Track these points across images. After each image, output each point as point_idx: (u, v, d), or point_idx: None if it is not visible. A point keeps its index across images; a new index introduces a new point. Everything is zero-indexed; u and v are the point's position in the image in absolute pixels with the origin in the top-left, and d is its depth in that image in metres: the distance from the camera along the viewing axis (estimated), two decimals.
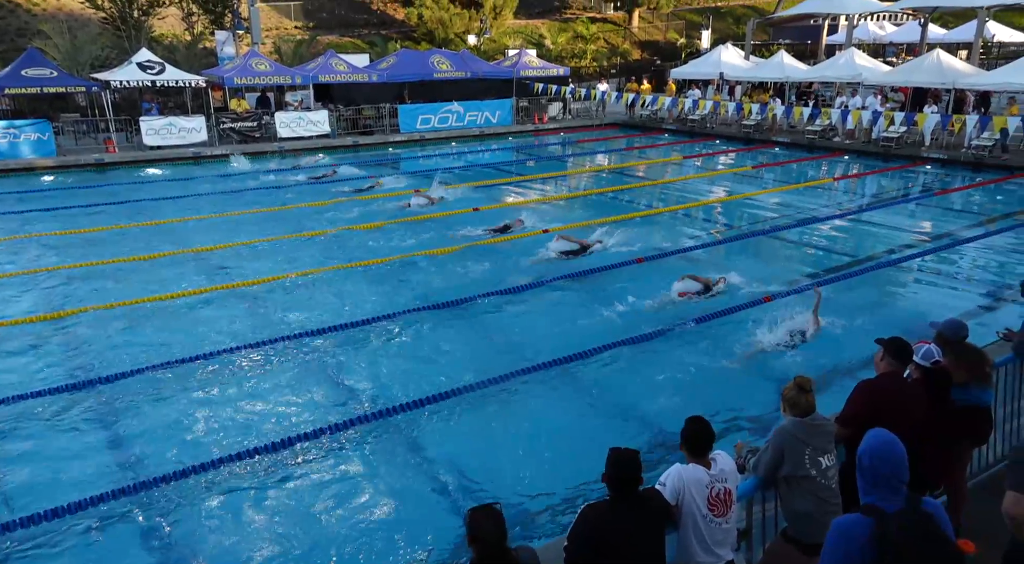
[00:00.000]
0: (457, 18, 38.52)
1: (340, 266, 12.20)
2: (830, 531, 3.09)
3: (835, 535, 3.06)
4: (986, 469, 5.65)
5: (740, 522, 4.12)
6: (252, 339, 9.24)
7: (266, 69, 25.14)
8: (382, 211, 16.17)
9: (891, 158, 22.09)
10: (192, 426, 7.35)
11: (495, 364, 8.50)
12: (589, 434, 7.01)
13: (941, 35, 36.83)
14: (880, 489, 3.01)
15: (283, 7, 41.59)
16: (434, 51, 30.65)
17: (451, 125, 28.08)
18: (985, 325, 8.29)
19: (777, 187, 19.53)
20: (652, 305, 10.29)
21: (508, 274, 11.72)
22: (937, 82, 22.95)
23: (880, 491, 3.01)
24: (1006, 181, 19.01)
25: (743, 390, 7.92)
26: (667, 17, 49.00)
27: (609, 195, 17.78)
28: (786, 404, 4.13)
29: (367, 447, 6.99)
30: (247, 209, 16.33)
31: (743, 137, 26.49)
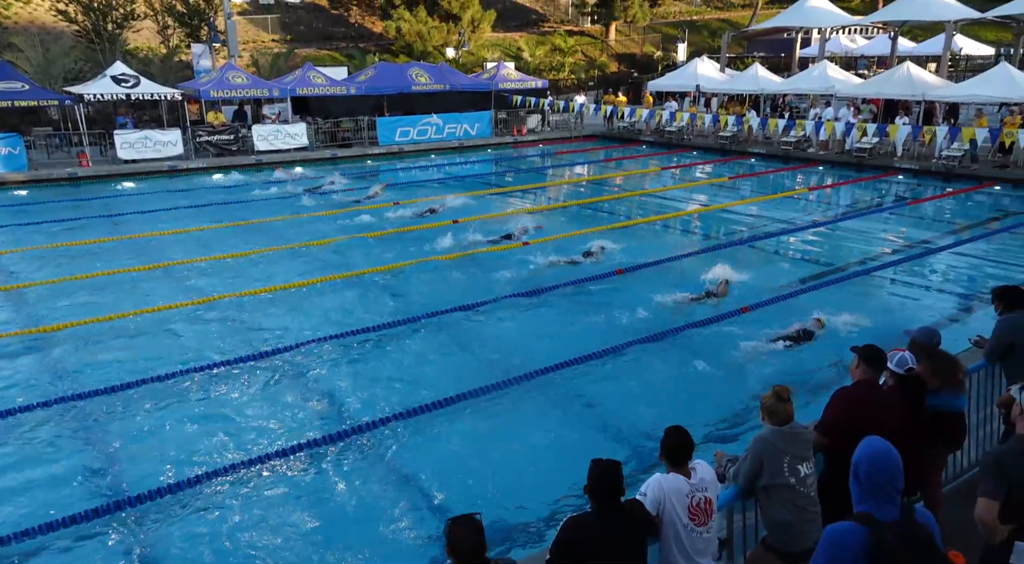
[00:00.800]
0: (435, 31, 38.67)
1: (319, 279, 12.12)
2: (823, 538, 3.09)
3: (828, 542, 3.06)
4: (961, 474, 5.73)
5: (721, 531, 4.13)
6: (231, 354, 9.14)
7: (243, 82, 25.02)
8: (361, 224, 16.11)
9: (864, 168, 22.46)
10: (169, 443, 7.24)
11: (476, 376, 8.48)
12: (571, 445, 7.00)
13: (911, 48, 37.62)
14: (876, 498, 3.02)
15: (260, 20, 41.50)
16: (412, 64, 30.71)
17: (430, 137, 28.11)
18: (958, 332, 8.44)
19: (754, 197, 19.76)
20: (632, 316, 10.34)
21: (487, 286, 11.72)
22: (907, 94, 23.42)
23: (876, 500, 3.02)
24: (975, 191, 19.41)
25: (722, 399, 7.97)
26: (644, 30, 49.60)
27: (588, 206, 17.88)
28: (765, 413, 4.16)
29: (347, 461, 6.92)
30: (224, 222, 16.19)
31: (720, 148, 26.80)
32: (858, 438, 4.27)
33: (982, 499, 3.57)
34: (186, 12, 33.99)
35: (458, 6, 38.90)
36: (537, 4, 52.58)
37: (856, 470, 3.10)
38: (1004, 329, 5.66)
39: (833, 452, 4.50)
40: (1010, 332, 5.60)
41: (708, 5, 57.20)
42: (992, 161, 21.28)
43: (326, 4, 45.12)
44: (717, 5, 57.57)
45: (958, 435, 5.05)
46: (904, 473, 3.08)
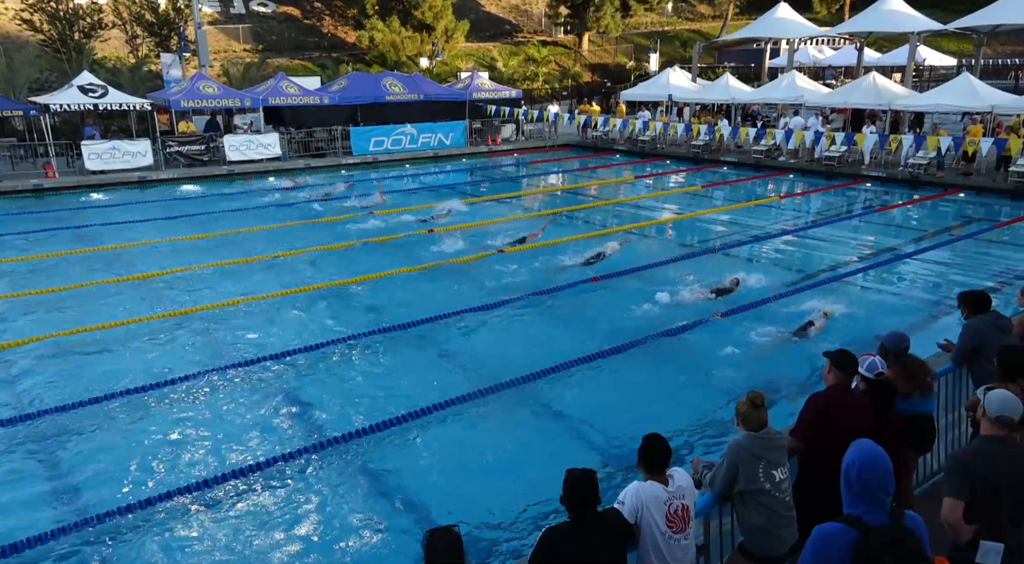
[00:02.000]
0: (409, 41, 38.67)
1: (293, 290, 12.01)
2: (811, 537, 3.12)
3: (816, 542, 3.09)
4: (931, 477, 5.82)
5: (698, 538, 4.14)
6: (203, 367, 9.00)
7: (214, 92, 24.78)
8: (335, 234, 16.01)
9: (833, 176, 22.85)
10: (139, 458, 7.10)
11: (452, 386, 8.46)
12: (548, 454, 6.98)
13: (876, 58, 38.44)
14: (866, 502, 3.06)
15: (231, 30, 41.18)
16: (386, 74, 30.66)
17: (404, 147, 28.05)
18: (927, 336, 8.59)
19: (726, 205, 19.99)
20: (607, 324, 10.38)
21: (463, 295, 11.71)
22: (874, 103, 23.91)
23: (866, 504, 3.06)
24: (941, 198, 19.84)
25: (699, 405, 8.02)
26: (616, 41, 50.08)
27: (563, 215, 17.95)
28: (739, 419, 4.20)
29: (323, 473, 6.85)
30: (195, 234, 15.98)
31: (692, 157, 27.09)
32: (832, 442, 4.34)
33: (947, 499, 3.63)
34: (155, 22, 33.63)
35: (432, 16, 38.95)
36: (510, 14, 52.87)
37: (847, 473, 3.13)
38: (969, 333, 5.78)
39: (807, 457, 4.55)
40: (975, 336, 5.72)
41: (679, 16, 57.96)
42: (956, 169, 21.78)
43: (298, 14, 44.92)
44: (688, 16, 58.37)
45: (928, 439, 5.13)
46: None
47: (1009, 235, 16.06)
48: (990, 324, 5.70)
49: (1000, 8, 27.20)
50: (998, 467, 3.58)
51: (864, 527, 2.99)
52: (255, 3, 43.94)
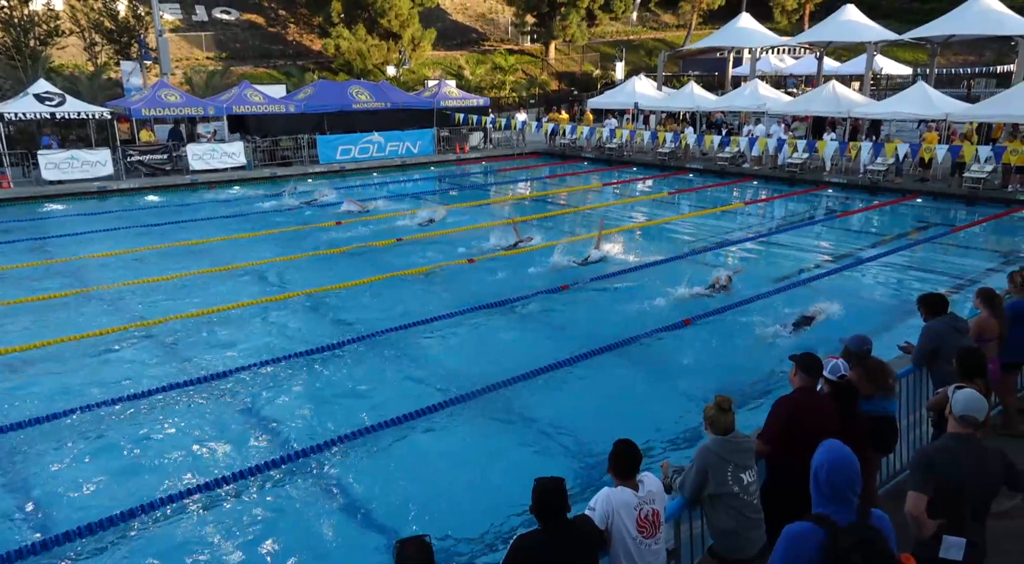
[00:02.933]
0: (375, 49, 38.53)
1: (259, 301, 11.85)
2: (781, 537, 3.17)
3: (786, 541, 3.14)
4: (894, 476, 5.93)
5: (669, 542, 4.16)
6: (166, 381, 8.81)
7: (176, 100, 24.39)
8: (303, 243, 15.83)
9: (796, 183, 23.29)
10: (101, 475, 6.92)
11: (422, 395, 8.40)
12: (519, 463, 6.98)
13: (836, 67, 39.34)
14: (834, 501, 3.12)
15: (194, 37, 40.62)
16: (352, 82, 30.50)
17: (372, 156, 27.90)
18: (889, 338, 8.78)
19: (693, 212, 20.25)
20: (577, 331, 10.42)
21: (432, 304, 11.65)
22: (834, 111, 24.46)
23: (834, 504, 3.12)
24: (899, 203, 20.34)
25: (668, 411, 8.07)
26: (582, 49, 50.54)
27: (533, 222, 17.99)
28: (707, 423, 4.23)
29: (292, 485, 6.74)
30: (158, 244, 15.67)
31: (659, 164, 27.40)
32: (798, 444, 4.39)
33: (911, 493, 3.72)
34: (115, 29, 33.01)
35: (398, 25, 38.89)
36: (477, 23, 53.04)
37: (816, 474, 3.18)
38: (929, 335, 5.92)
39: (775, 459, 4.61)
40: (934, 337, 5.86)
41: (644, 25, 58.70)
42: (913, 175, 22.36)
43: (262, 22, 44.50)
44: (652, 26, 59.15)
45: (890, 439, 5.23)
46: None
47: (964, 239, 16.53)
48: (948, 326, 5.84)
49: (952, 19, 28.07)
50: (962, 464, 3.67)
51: (832, 526, 3.05)
52: (218, 10, 43.43)
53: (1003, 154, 18.58)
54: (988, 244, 16.48)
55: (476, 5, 54.83)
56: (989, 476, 3.71)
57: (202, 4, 43.38)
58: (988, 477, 3.71)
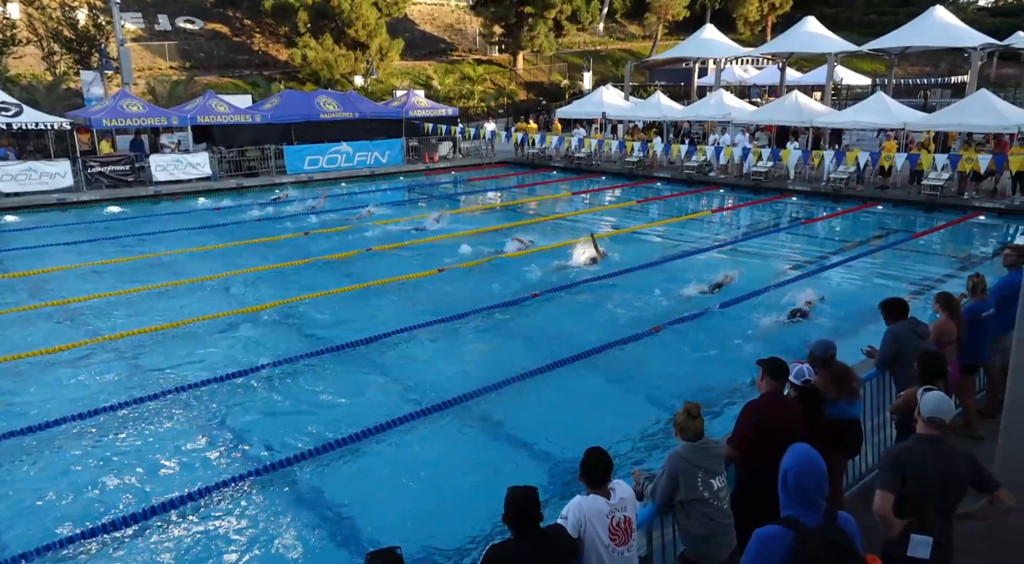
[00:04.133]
0: (343, 59, 38.36)
1: (226, 313, 11.66)
2: (752, 540, 3.21)
3: (756, 544, 3.19)
4: (859, 479, 6.02)
5: (641, 549, 4.17)
6: (129, 396, 8.61)
7: (139, 110, 23.97)
8: (271, 254, 15.64)
9: (761, 191, 23.67)
10: (60, 494, 6.72)
11: (393, 406, 8.34)
12: (490, 472, 6.94)
13: (798, 78, 40.20)
14: (802, 504, 3.17)
15: (156, 47, 40.02)
16: (320, 92, 30.30)
17: (340, 166, 27.73)
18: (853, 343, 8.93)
19: (661, 220, 20.45)
20: (547, 340, 10.43)
21: (404, 314, 11.59)
22: (797, 121, 24.95)
23: (802, 506, 3.17)
24: (861, 210, 20.79)
25: (638, 418, 8.11)
26: (550, 60, 50.91)
27: (503, 231, 18.01)
28: (677, 430, 4.27)
29: (260, 499, 6.62)
30: (120, 257, 15.36)
31: (627, 173, 27.65)
32: (766, 448, 4.44)
33: (879, 492, 3.80)
34: (74, 38, 32.37)
35: (365, 35, 38.77)
36: (445, 33, 53.14)
37: (784, 477, 3.23)
38: (890, 339, 6.04)
39: (744, 464, 4.66)
40: (896, 341, 5.98)
41: (611, 36, 59.38)
42: (874, 183, 22.89)
43: (227, 31, 44.04)
44: (619, 36, 59.86)
45: (855, 442, 5.32)
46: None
47: (924, 245, 16.94)
48: (909, 330, 5.97)
49: (908, 32, 28.93)
50: (930, 465, 3.76)
51: (800, 528, 3.10)
52: (181, 20, 42.89)
53: (959, 162, 19.11)
54: (946, 249, 16.91)
55: (444, 15, 54.96)
56: (956, 477, 3.79)
57: (165, 13, 42.81)
58: (955, 478, 3.79)
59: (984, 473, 3.85)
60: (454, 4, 56.20)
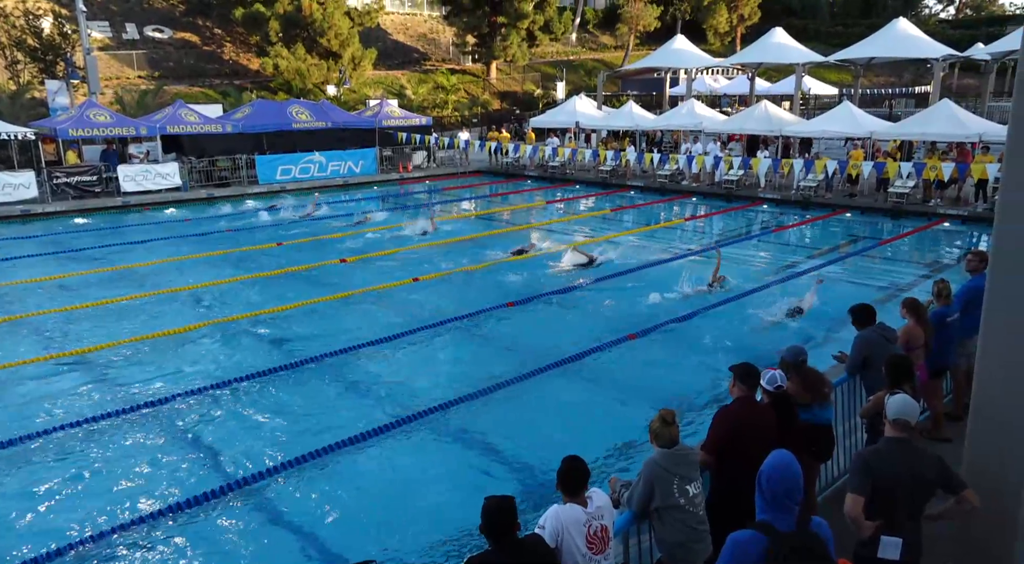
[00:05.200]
0: (315, 69, 38.16)
1: (195, 325, 11.48)
2: (726, 545, 3.24)
3: (730, 548, 3.22)
4: (832, 483, 6.09)
5: (618, 557, 4.17)
6: (97, 411, 8.43)
7: (106, 120, 23.59)
8: (242, 265, 15.46)
9: (733, 199, 23.97)
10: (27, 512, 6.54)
11: (367, 418, 8.26)
12: (467, 483, 6.91)
13: (767, 88, 40.87)
14: (775, 509, 3.20)
15: (124, 56, 39.46)
16: (292, 101, 30.11)
17: (313, 175, 27.54)
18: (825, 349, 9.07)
19: (635, 228, 20.60)
20: (522, 349, 10.43)
21: (377, 324, 11.51)
22: (766, 130, 25.35)
23: (775, 511, 3.20)
24: (830, 218, 21.14)
25: (614, 425, 8.12)
26: (523, 69, 51.15)
27: (477, 239, 18.01)
28: (652, 437, 4.28)
29: (235, 512, 6.51)
30: (87, 269, 15.07)
31: (601, 182, 27.84)
32: (740, 454, 4.48)
33: (849, 495, 3.86)
34: (39, 47, 31.79)
35: (338, 44, 38.63)
36: (418, 43, 53.15)
37: (760, 481, 3.27)
38: (859, 344, 6.14)
39: (718, 469, 4.69)
40: (864, 347, 6.08)
41: (583, 46, 59.87)
42: (842, 191, 23.31)
43: (197, 40, 43.59)
44: (591, 46, 60.37)
45: (828, 446, 5.39)
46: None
47: (891, 251, 17.27)
48: (878, 335, 6.07)
49: (873, 43, 29.59)
50: (897, 466, 3.82)
51: (773, 533, 3.13)
52: (149, 29, 42.36)
53: (923, 170, 19.55)
54: (913, 256, 17.27)
55: (417, 25, 54.98)
56: (924, 478, 3.86)
57: (133, 22, 42.25)
58: (923, 479, 3.86)
59: (951, 474, 3.92)
60: (427, 14, 56.27)
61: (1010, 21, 53.02)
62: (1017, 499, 4.22)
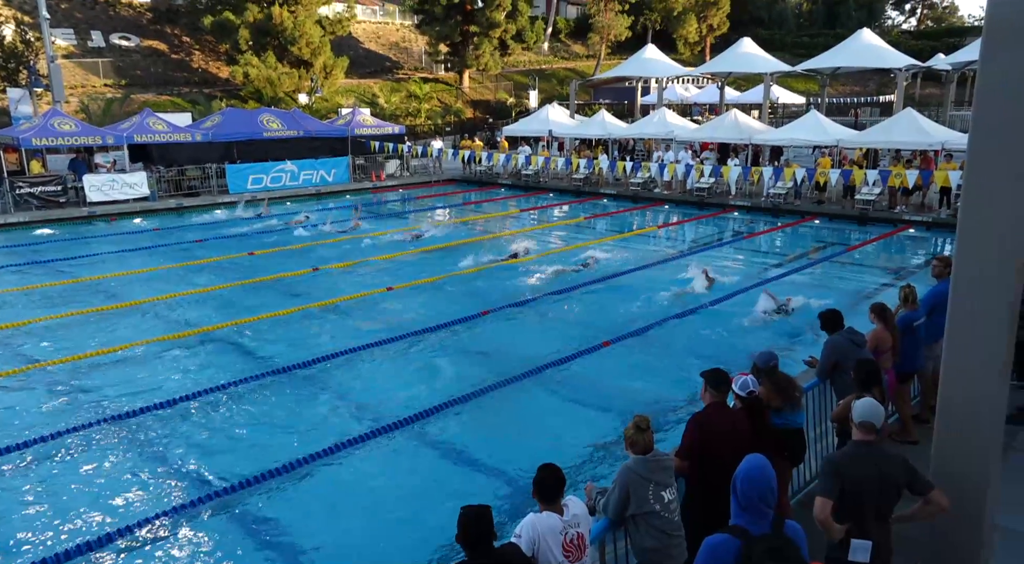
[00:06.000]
0: (286, 77, 37.90)
1: (165, 337, 11.28)
2: (701, 549, 3.27)
3: (705, 552, 3.25)
4: (804, 487, 6.17)
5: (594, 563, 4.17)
6: (65, 425, 8.23)
7: (72, 129, 23.16)
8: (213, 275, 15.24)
9: (704, 206, 24.25)
10: None
11: (340, 429, 8.18)
12: (443, 493, 6.86)
13: (736, 97, 41.52)
14: (749, 512, 3.23)
15: (90, 64, 38.82)
16: (263, 110, 29.84)
17: (285, 184, 27.29)
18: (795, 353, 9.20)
19: (609, 236, 20.72)
20: (497, 357, 10.42)
21: (349, 334, 11.42)
22: (736, 138, 25.72)
23: (749, 514, 3.23)
24: (799, 224, 21.49)
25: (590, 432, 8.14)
26: (496, 78, 51.33)
27: (450, 248, 17.98)
28: (627, 443, 4.30)
29: (206, 526, 6.39)
30: (52, 281, 14.74)
31: (574, 190, 27.99)
32: (713, 459, 4.52)
33: (818, 498, 3.91)
34: (0, 55, 31.11)
35: (309, 52, 38.42)
36: (391, 52, 53.09)
37: (734, 485, 3.30)
38: (829, 349, 6.24)
39: (692, 475, 4.72)
40: (834, 352, 6.18)
41: (555, 55, 60.30)
42: (811, 198, 23.72)
43: (165, 48, 43.06)
44: (563, 55, 60.84)
45: (800, 450, 5.45)
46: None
47: (859, 257, 17.60)
48: (847, 340, 6.17)
49: (838, 53, 30.26)
50: (865, 469, 3.88)
51: (748, 537, 3.15)
52: (116, 37, 41.76)
53: (889, 177, 19.97)
54: (880, 261, 17.60)
55: (389, 34, 54.94)
56: (891, 480, 3.92)
57: (98, 30, 41.62)
58: (890, 481, 3.92)
59: (917, 476, 3.99)
60: (399, 23, 56.27)
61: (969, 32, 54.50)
62: (983, 499, 4.31)
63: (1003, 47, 3.94)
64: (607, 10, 53.60)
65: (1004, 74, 3.96)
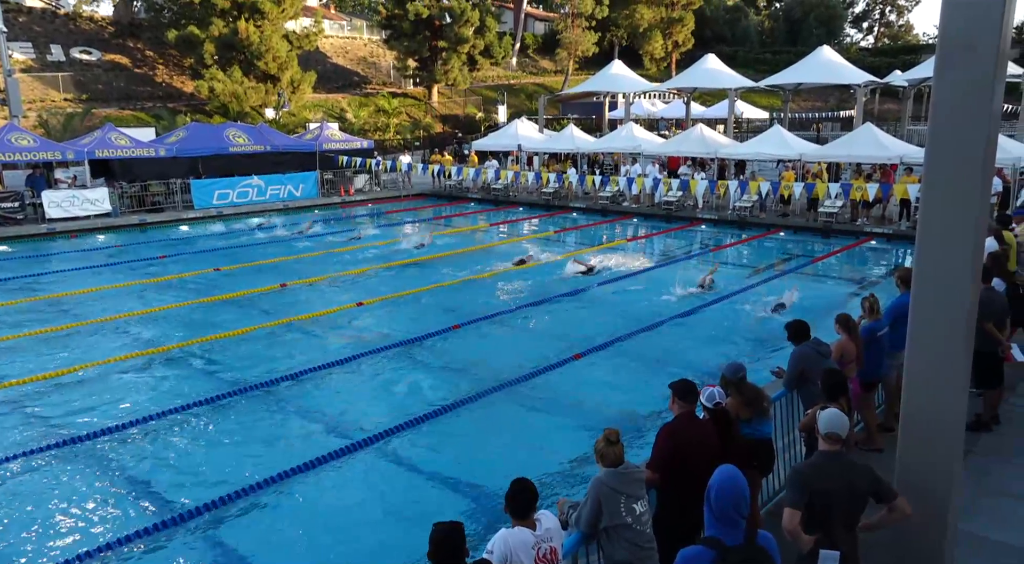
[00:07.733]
0: (252, 92, 37.60)
1: (126, 356, 11.03)
2: (676, 561, 3.28)
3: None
4: (773, 496, 6.23)
5: None
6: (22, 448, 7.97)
7: (30, 144, 22.63)
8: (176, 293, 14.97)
9: (672, 219, 24.54)
10: None
11: (310, 446, 8.06)
12: (414, 510, 6.79)
13: (702, 112, 42.20)
14: (722, 523, 3.24)
15: (50, 78, 38.10)
16: (228, 125, 29.51)
17: (252, 199, 26.97)
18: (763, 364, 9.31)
19: (578, 249, 20.83)
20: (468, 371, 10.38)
21: (317, 351, 11.29)
22: (702, 152, 26.12)
23: (722, 525, 3.23)
24: (765, 237, 21.85)
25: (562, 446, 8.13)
26: (465, 93, 51.54)
27: (420, 263, 17.91)
28: (598, 456, 4.31)
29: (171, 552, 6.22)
30: (8, 301, 14.33)
31: (544, 204, 28.13)
32: (683, 470, 4.54)
33: (786, 509, 3.94)
34: None
35: (276, 67, 38.18)
36: (359, 66, 53.01)
37: (708, 496, 3.32)
38: (795, 360, 6.33)
39: (663, 486, 4.74)
40: (800, 362, 6.28)
41: (524, 70, 60.79)
42: (776, 211, 24.15)
43: (127, 62, 42.44)
44: (532, 70, 61.36)
45: (769, 460, 5.51)
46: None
47: (823, 268, 17.93)
48: (813, 350, 6.27)
49: (799, 70, 30.99)
50: (832, 479, 3.92)
51: (722, 548, 3.17)
52: (76, 50, 41.06)
53: (850, 191, 20.43)
54: (843, 273, 17.95)
55: (357, 49, 54.88)
56: (858, 489, 3.97)
57: (58, 43, 40.90)
58: (856, 490, 3.97)
59: (882, 484, 4.05)
60: (367, 38, 56.27)
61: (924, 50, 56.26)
62: (946, 504, 4.40)
63: (955, 64, 4.07)
64: (574, 26, 54.26)
65: (957, 89, 4.09)
